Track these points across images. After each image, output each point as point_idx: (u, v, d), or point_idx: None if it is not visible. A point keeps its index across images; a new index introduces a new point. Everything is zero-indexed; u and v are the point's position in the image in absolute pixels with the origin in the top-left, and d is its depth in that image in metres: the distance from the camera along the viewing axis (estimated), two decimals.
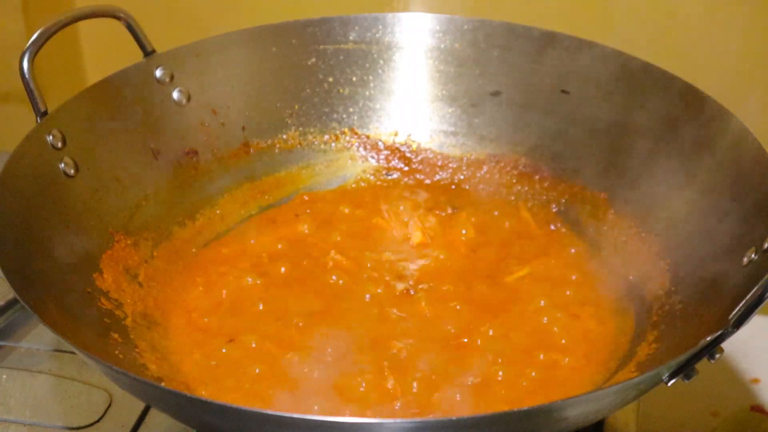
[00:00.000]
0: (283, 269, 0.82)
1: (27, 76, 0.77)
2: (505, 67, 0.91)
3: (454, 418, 0.58)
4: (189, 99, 0.88)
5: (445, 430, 0.57)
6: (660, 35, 1.05)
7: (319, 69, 0.93)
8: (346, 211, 0.90)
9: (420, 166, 0.94)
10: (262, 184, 0.91)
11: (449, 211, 0.90)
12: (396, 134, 0.94)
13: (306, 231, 0.87)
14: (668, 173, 0.81)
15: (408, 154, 0.94)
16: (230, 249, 0.85)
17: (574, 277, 0.82)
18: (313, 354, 0.73)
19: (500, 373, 0.72)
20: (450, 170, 0.93)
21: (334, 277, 0.82)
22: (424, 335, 0.76)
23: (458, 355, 0.74)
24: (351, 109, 0.94)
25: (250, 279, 0.81)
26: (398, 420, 0.58)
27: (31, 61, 0.77)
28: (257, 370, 0.72)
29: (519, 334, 0.76)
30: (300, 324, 0.76)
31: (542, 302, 0.78)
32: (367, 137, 0.94)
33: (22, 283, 0.65)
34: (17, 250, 0.69)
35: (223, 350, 0.74)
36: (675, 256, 0.77)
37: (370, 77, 0.94)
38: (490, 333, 0.76)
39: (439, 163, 0.93)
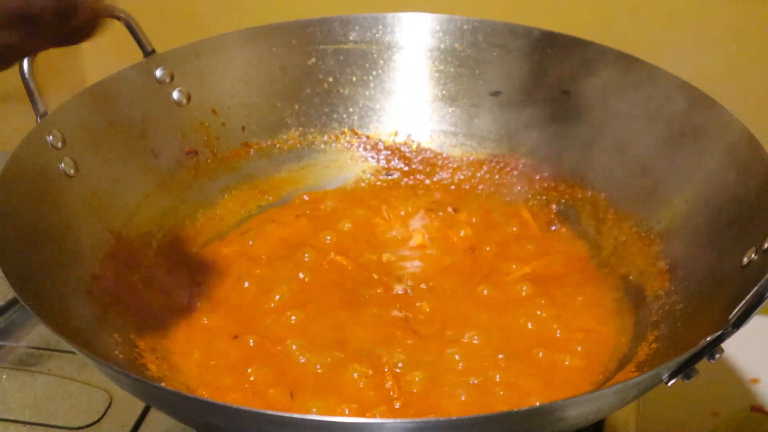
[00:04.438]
0: (282, 270, 0.82)
1: (27, 76, 0.77)
2: (505, 67, 0.91)
3: (454, 418, 0.59)
4: (189, 99, 0.88)
5: (445, 430, 0.57)
6: (660, 35, 1.05)
7: (319, 69, 0.93)
8: (346, 211, 0.90)
9: (420, 166, 0.94)
10: (262, 184, 0.91)
11: (449, 211, 0.90)
12: (396, 134, 0.94)
13: (306, 231, 0.87)
14: (668, 173, 0.81)
15: (408, 154, 0.94)
16: (230, 249, 0.85)
17: (574, 277, 0.82)
18: (312, 354, 0.73)
19: (500, 373, 0.72)
20: (450, 170, 0.93)
21: (333, 278, 0.82)
22: (423, 335, 0.76)
23: (457, 355, 0.74)
24: (351, 109, 0.94)
25: (249, 279, 0.81)
26: (398, 420, 0.58)
27: (31, 62, 0.77)
28: (257, 370, 0.72)
29: (519, 334, 0.76)
30: (300, 324, 0.76)
31: (542, 302, 0.78)
32: (367, 137, 0.94)
33: (22, 283, 0.65)
34: (17, 250, 0.69)
35: (223, 350, 0.74)
36: (675, 256, 0.77)
37: (370, 77, 0.94)
38: (490, 333, 0.76)
39: (439, 163, 0.93)
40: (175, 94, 0.87)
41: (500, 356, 0.73)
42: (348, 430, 0.57)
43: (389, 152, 0.94)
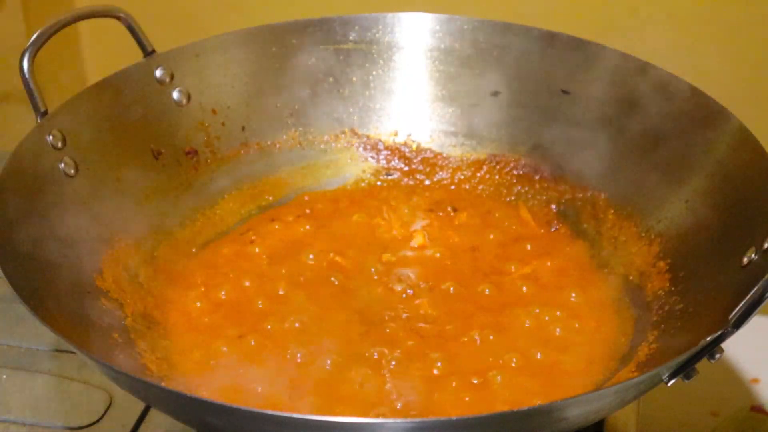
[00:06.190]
0: (282, 270, 0.82)
1: (27, 76, 0.77)
2: (505, 67, 0.91)
3: (454, 418, 0.58)
4: (189, 99, 0.88)
5: (445, 430, 0.57)
6: (660, 35, 1.05)
7: (319, 69, 0.93)
8: (346, 211, 0.90)
9: (420, 166, 0.94)
10: (262, 184, 0.91)
11: (449, 211, 0.90)
12: (396, 134, 0.94)
13: (306, 231, 0.87)
14: (668, 173, 0.81)
15: (408, 154, 0.94)
16: (230, 249, 0.85)
17: (574, 277, 0.82)
18: (312, 354, 0.73)
19: (500, 373, 0.72)
20: (450, 170, 0.93)
21: (333, 278, 0.82)
22: (423, 335, 0.76)
23: (458, 355, 0.74)
24: (351, 109, 0.94)
25: (249, 279, 0.81)
26: (398, 420, 0.58)
27: (31, 61, 0.77)
28: (257, 370, 0.72)
29: (519, 334, 0.76)
30: (299, 324, 0.76)
31: (542, 302, 0.78)
32: (367, 137, 0.94)
33: (23, 283, 0.65)
34: (17, 250, 0.69)
35: (223, 350, 0.74)
36: (675, 256, 0.77)
37: (370, 77, 0.94)
38: (490, 333, 0.76)
39: (439, 163, 0.93)
40: (175, 94, 0.87)
41: (500, 356, 0.73)
42: (348, 430, 0.57)
43: (389, 152, 0.94)
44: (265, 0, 1.15)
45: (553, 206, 0.88)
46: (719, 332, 0.60)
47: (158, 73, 0.86)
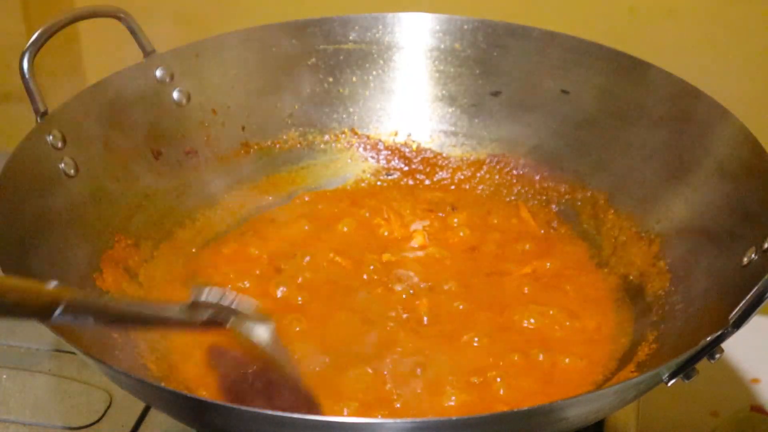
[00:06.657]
0: (282, 270, 0.82)
1: (27, 76, 0.77)
2: (505, 67, 0.91)
3: (454, 418, 0.58)
4: (189, 99, 0.88)
5: (445, 430, 0.57)
6: (659, 35, 1.05)
7: (319, 69, 0.93)
8: (346, 211, 0.90)
9: (420, 166, 0.94)
10: (262, 184, 0.91)
11: (449, 211, 0.90)
12: (396, 134, 0.94)
13: (306, 231, 0.87)
14: (668, 173, 0.81)
15: (408, 154, 0.94)
16: (230, 249, 0.85)
17: (574, 278, 0.82)
18: (312, 354, 0.73)
19: (500, 373, 0.72)
20: (450, 170, 0.93)
21: (333, 278, 0.82)
22: (423, 335, 0.76)
23: (458, 355, 0.74)
24: (351, 109, 0.94)
25: (249, 279, 0.81)
26: (398, 420, 0.58)
27: (31, 61, 0.77)
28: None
29: (519, 334, 0.76)
30: (299, 324, 0.76)
31: (542, 302, 0.78)
32: (367, 137, 0.94)
33: None
34: (17, 250, 0.69)
35: (224, 350, 0.74)
36: (675, 256, 0.77)
37: (370, 77, 0.94)
38: (490, 333, 0.76)
39: (439, 163, 0.93)
40: (175, 94, 0.87)
41: (500, 356, 0.73)
42: (348, 430, 0.57)
43: (389, 152, 0.94)
44: (265, 0, 1.15)
45: (553, 206, 0.89)
46: (719, 332, 0.60)
47: (158, 73, 0.86)
